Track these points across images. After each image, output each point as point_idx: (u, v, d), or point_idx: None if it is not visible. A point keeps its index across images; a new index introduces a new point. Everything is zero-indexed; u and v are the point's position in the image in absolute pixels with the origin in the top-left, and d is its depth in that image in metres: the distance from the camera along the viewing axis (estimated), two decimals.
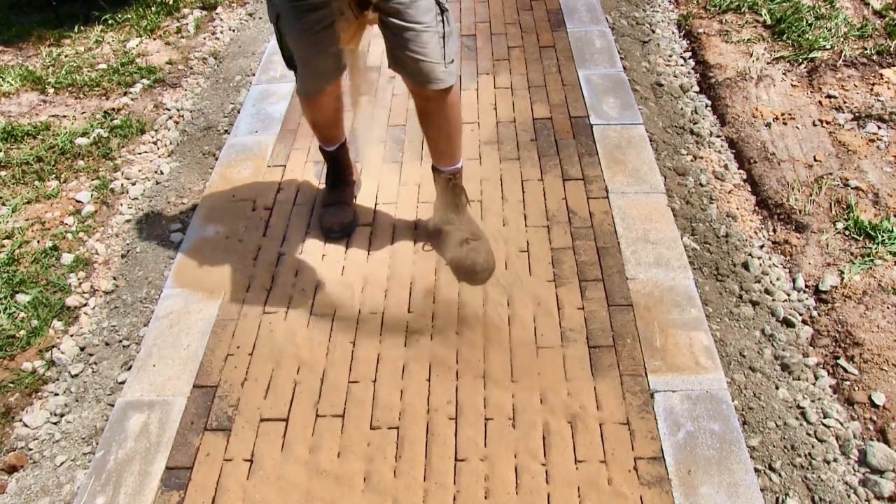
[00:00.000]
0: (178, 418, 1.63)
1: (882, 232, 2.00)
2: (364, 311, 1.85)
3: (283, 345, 1.78)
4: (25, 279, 2.03)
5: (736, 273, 1.96)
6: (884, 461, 1.50)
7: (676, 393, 1.62)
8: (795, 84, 2.64)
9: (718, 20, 3.04)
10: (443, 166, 1.83)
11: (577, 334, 1.75)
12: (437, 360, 1.71)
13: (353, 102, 2.01)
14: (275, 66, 2.86)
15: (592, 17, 3.05)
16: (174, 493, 1.50)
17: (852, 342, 1.75)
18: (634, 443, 1.53)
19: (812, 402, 1.65)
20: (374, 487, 1.47)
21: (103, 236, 2.21)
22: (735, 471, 1.47)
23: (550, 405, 1.60)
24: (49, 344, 1.88)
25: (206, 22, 3.35)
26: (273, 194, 2.23)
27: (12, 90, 2.87)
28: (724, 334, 1.78)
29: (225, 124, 2.61)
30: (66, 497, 1.54)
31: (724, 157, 2.39)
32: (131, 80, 2.90)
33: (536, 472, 1.48)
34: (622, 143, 2.34)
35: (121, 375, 1.77)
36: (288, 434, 1.59)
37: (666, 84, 2.71)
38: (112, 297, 2.00)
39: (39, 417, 1.71)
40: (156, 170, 2.44)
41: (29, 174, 2.43)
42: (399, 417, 1.60)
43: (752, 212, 2.19)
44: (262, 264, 1.99)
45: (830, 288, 1.89)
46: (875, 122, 2.42)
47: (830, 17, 2.93)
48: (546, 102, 2.55)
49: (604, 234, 2.02)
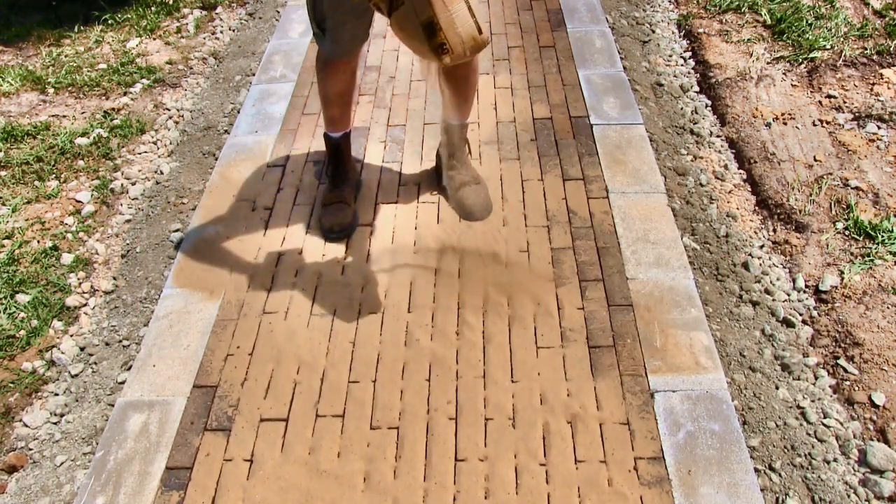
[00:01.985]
0: (178, 418, 1.63)
1: (882, 232, 2.00)
2: (364, 311, 1.85)
3: (283, 345, 1.78)
4: (25, 279, 2.03)
5: (736, 273, 1.96)
6: (884, 461, 1.50)
7: (676, 393, 1.62)
8: (795, 84, 2.64)
9: (718, 20, 3.04)
10: (455, 121, 2.00)
11: (577, 334, 1.75)
12: (437, 360, 1.71)
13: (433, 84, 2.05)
14: (275, 66, 2.86)
15: (592, 17, 3.05)
16: (174, 493, 1.50)
17: (852, 342, 1.75)
18: (634, 443, 1.53)
19: (812, 402, 1.65)
20: (374, 487, 1.48)
21: (103, 236, 2.21)
22: (735, 471, 1.47)
23: (550, 405, 1.60)
24: (49, 344, 1.88)
25: (206, 22, 3.35)
26: (273, 194, 2.23)
27: (12, 90, 2.87)
28: (724, 334, 1.78)
29: (225, 124, 2.61)
30: (66, 497, 1.54)
31: (724, 157, 2.39)
32: (131, 80, 2.90)
33: (536, 472, 1.48)
34: (622, 143, 2.34)
35: (121, 375, 1.77)
36: (288, 434, 1.59)
37: (666, 84, 2.71)
38: (112, 297, 2.00)
39: (39, 417, 1.71)
40: (156, 170, 2.44)
41: (29, 174, 2.43)
42: (399, 417, 1.60)
43: (752, 212, 2.19)
44: (262, 264, 1.99)
45: (830, 288, 1.89)
46: (875, 122, 2.42)
47: (830, 17, 2.93)
48: (546, 102, 2.55)
49: (604, 234, 2.02)
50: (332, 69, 1.90)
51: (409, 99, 2.61)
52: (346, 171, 2.11)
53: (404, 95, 2.62)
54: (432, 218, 2.10)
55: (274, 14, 3.30)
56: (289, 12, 3.24)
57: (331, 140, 2.06)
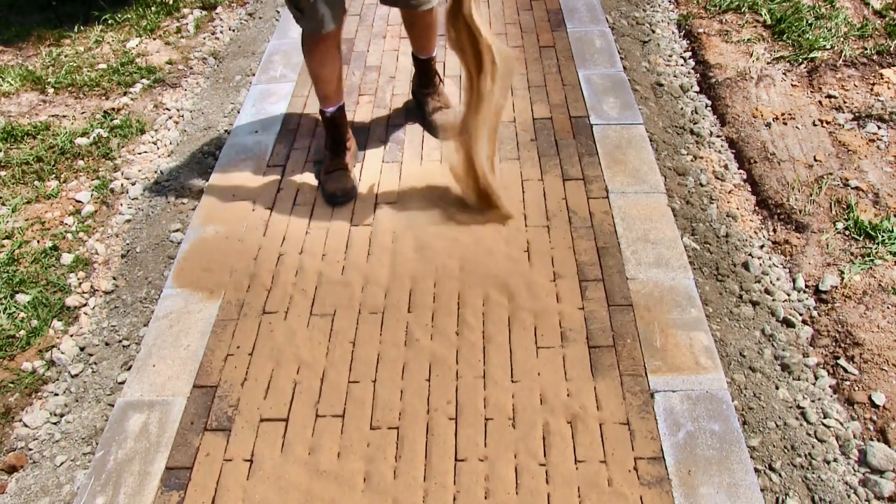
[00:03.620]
0: (178, 418, 1.63)
1: (882, 232, 2.00)
2: (364, 311, 1.85)
3: (283, 345, 1.78)
4: (25, 279, 2.03)
5: (736, 273, 1.96)
6: (884, 461, 1.50)
7: (676, 393, 1.62)
8: (795, 84, 2.64)
9: (718, 20, 3.04)
10: (423, 55, 2.36)
11: (577, 334, 1.75)
12: (437, 360, 1.71)
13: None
14: (275, 66, 2.86)
15: (592, 16, 3.05)
16: (174, 493, 1.50)
17: (852, 342, 1.75)
18: (634, 443, 1.53)
19: (812, 402, 1.65)
20: (374, 487, 1.47)
21: (103, 236, 2.21)
22: (735, 471, 1.47)
23: (550, 405, 1.60)
24: (49, 344, 1.88)
25: (205, 22, 3.35)
26: (273, 194, 2.23)
27: (12, 90, 2.87)
28: (724, 334, 1.78)
29: (225, 124, 2.61)
30: (66, 497, 1.54)
31: (724, 157, 2.39)
32: (131, 80, 2.90)
33: (536, 472, 1.48)
34: (622, 143, 2.34)
35: (121, 375, 1.77)
36: (288, 434, 1.59)
37: (666, 84, 2.71)
38: (112, 297, 2.00)
39: (39, 417, 1.71)
40: (156, 170, 2.44)
41: (29, 174, 2.43)
42: (399, 417, 1.60)
43: (752, 212, 2.19)
44: (262, 264, 1.99)
45: (830, 288, 1.89)
46: (875, 122, 2.42)
47: (830, 17, 2.93)
48: (546, 102, 2.55)
49: (604, 234, 2.02)
50: (317, 46, 2.00)
51: (410, 98, 2.61)
52: (344, 140, 2.24)
53: (404, 95, 2.62)
54: (432, 217, 2.10)
55: (274, 14, 3.31)
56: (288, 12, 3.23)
57: (326, 115, 2.18)
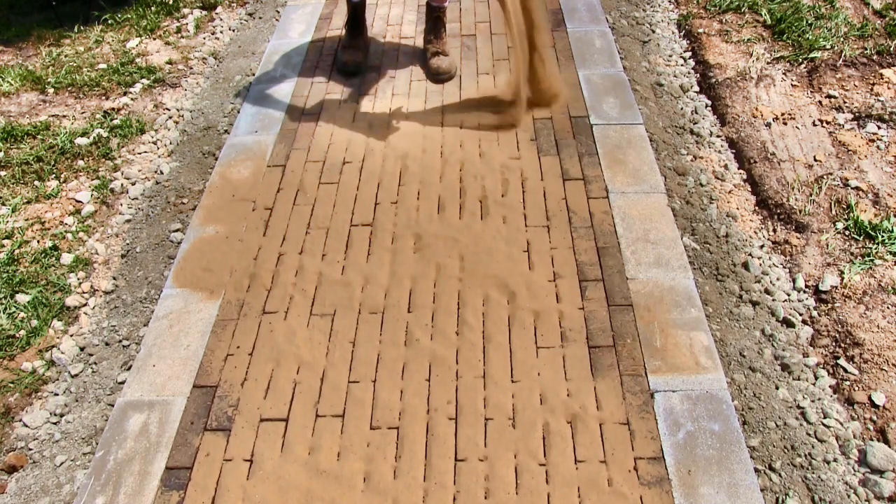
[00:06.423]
0: (178, 418, 1.63)
1: (882, 232, 2.00)
2: (364, 311, 1.85)
3: (283, 345, 1.78)
4: (25, 279, 2.03)
5: (736, 273, 1.96)
6: (884, 461, 1.50)
7: (676, 393, 1.62)
8: (795, 84, 2.64)
9: (718, 20, 3.04)
10: (436, 3, 2.72)
11: (577, 334, 1.75)
12: (437, 360, 1.71)
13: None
14: (275, 66, 2.86)
15: (592, 16, 3.05)
16: (174, 493, 1.50)
17: (852, 342, 1.75)
18: (634, 443, 1.53)
19: (812, 402, 1.65)
20: (374, 487, 1.48)
21: (103, 236, 2.21)
22: (735, 471, 1.47)
23: (550, 405, 1.60)
24: (49, 344, 1.88)
25: (206, 22, 3.35)
26: (273, 194, 2.23)
27: (12, 90, 2.87)
28: (724, 334, 1.78)
29: (225, 124, 2.61)
30: (66, 497, 1.54)
31: (724, 157, 2.39)
32: (131, 80, 2.90)
33: (536, 472, 1.48)
34: (622, 142, 2.34)
35: (121, 375, 1.77)
36: (288, 434, 1.59)
37: (666, 84, 2.71)
38: (112, 297, 2.00)
39: (39, 417, 1.71)
40: (156, 170, 2.44)
41: (29, 174, 2.43)
42: (399, 417, 1.60)
43: (752, 212, 2.19)
44: (262, 264, 1.99)
45: (830, 288, 1.89)
46: (875, 122, 2.42)
47: (830, 17, 2.93)
48: None
49: (604, 234, 2.02)
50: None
51: (409, 98, 2.61)
52: (361, 25, 2.76)
53: (404, 95, 2.62)
54: (432, 217, 2.10)
55: (274, 14, 3.30)
56: (289, 12, 3.24)
57: (351, 2, 2.68)
